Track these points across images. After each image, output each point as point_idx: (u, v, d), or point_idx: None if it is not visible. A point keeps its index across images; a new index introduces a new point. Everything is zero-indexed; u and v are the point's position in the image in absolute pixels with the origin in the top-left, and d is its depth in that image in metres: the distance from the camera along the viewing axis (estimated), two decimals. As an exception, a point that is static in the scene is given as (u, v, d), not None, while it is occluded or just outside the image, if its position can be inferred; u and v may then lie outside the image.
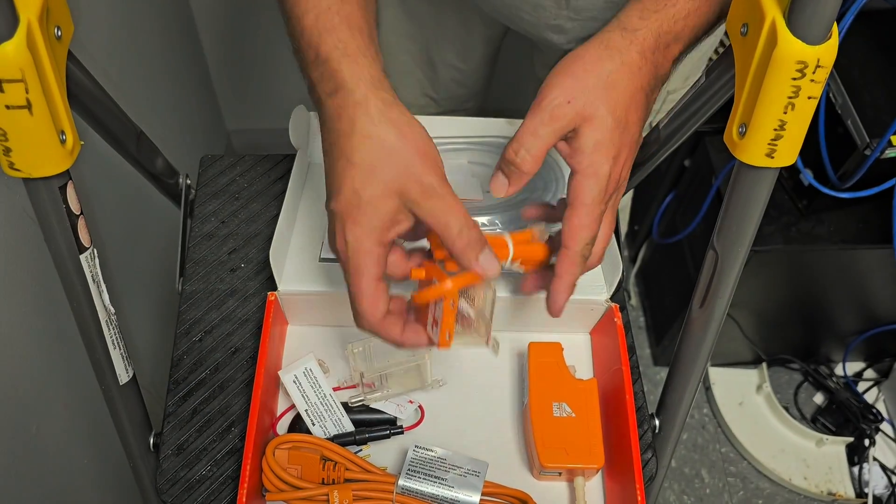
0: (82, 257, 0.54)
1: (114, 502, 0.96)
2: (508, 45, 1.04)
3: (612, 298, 0.71)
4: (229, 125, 1.79)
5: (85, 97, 0.57)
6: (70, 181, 0.52)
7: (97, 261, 0.57)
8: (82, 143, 0.51)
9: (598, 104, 0.53)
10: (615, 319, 0.70)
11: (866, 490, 1.54)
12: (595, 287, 0.72)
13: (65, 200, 0.51)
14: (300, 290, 0.69)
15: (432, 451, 0.63)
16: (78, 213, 0.53)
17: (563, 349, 0.68)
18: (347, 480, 0.62)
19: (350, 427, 0.66)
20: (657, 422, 0.72)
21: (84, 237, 0.54)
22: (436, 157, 0.53)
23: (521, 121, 0.85)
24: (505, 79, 1.22)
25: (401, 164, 0.51)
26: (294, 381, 0.65)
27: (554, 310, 0.59)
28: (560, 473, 0.65)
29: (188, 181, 0.81)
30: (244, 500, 0.58)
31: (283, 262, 0.70)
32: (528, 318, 0.73)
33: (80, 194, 0.53)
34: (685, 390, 0.69)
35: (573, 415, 0.65)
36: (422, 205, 0.51)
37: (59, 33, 0.49)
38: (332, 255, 0.70)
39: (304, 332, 0.73)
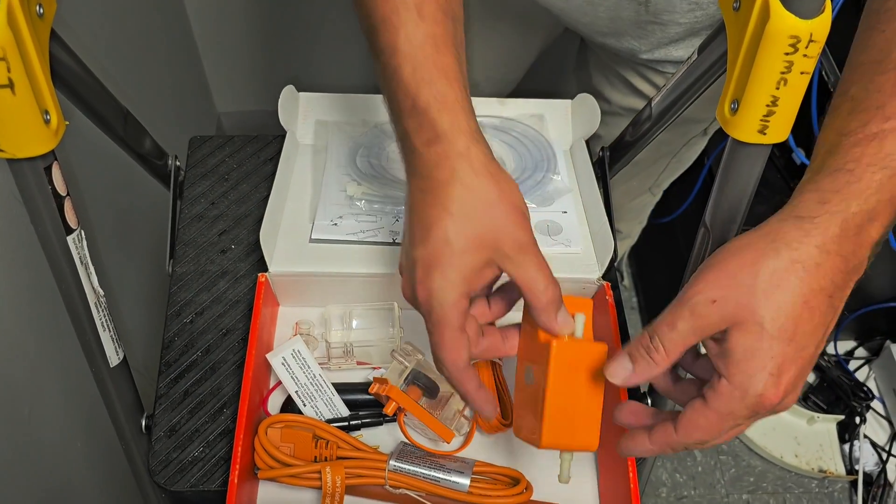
0: (69, 239, 0.54)
1: (107, 485, 0.96)
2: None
3: (604, 277, 0.71)
4: (219, 107, 1.78)
5: (69, 77, 0.57)
6: (55, 162, 0.51)
7: (85, 242, 0.56)
8: (67, 122, 0.51)
9: (752, 309, 0.45)
10: (607, 298, 0.70)
11: (857, 467, 1.55)
12: (587, 266, 0.72)
13: (50, 181, 0.51)
14: (291, 270, 0.69)
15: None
16: (64, 195, 0.52)
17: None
18: (340, 458, 0.62)
19: (342, 406, 0.66)
20: (649, 401, 0.72)
21: (71, 218, 0.53)
22: (527, 214, 0.52)
23: (513, 100, 0.86)
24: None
25: (498, 218, 0.50)
26: (283, 363, 0.65)
27: (620, 452, 0.53)
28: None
29: (177, 162, 0.81)
30: (236, 479, 0.58)
31: (273, 243, 0.70)
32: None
33: (66, 176, 0.53)
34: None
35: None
36: (514, 259, 0.50)
37: (41, 11, 0.48)
38: (323, 236, 0.70)
39: (295, 312, 0.73)
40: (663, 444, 0.49)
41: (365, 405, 0.67)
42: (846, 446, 1.59)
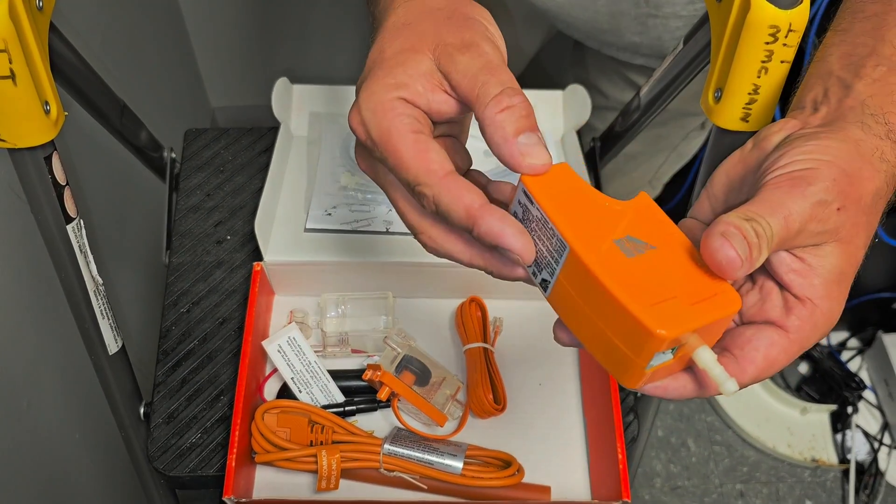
0: (69, 227, 0.55)
1: (106, 472, 0.97)
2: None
3: (594, 265, 0.72)
4: (213, 102, 1.79)
5: (68, 69, 0.58)
6: (55, 152, 0.52)
7: (84, 231, 0.57)
8: (66, 113, 0.52)
9: (858, 233, 0.38)
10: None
11: (849, 456, 1.57)
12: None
13: (50, 171, 0.52)
14: (286, 260, 0.70)
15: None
16: (64, 184, 0.54)
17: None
18: (335, 442, 0.63)
19: (337, 392, 0.67)
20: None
21: (70, 208, 0.55)
22: (487, 28, 0.43)
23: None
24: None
25: (440, 19, 0.42)
26: (279, 351, 0.66)
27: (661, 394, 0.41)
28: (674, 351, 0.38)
29: (173, 155, 0.82)
30: (234, 463, 0.60)
31: (268, 233, 0.71)
32: (506, 284, 0.73)
33: (66, 165, 0.54)
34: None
35: (653, 246, 0.39)
36: (454, 57, 0.40)
37: (41, 4, 0.49)
38: (317, 225, 0.72)
39: (291, 301, 0.74)
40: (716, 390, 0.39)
41: (359, 391, 0.68)
42: (838, 436, 1.60)
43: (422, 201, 0.40)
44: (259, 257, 0.70)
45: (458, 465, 0.62)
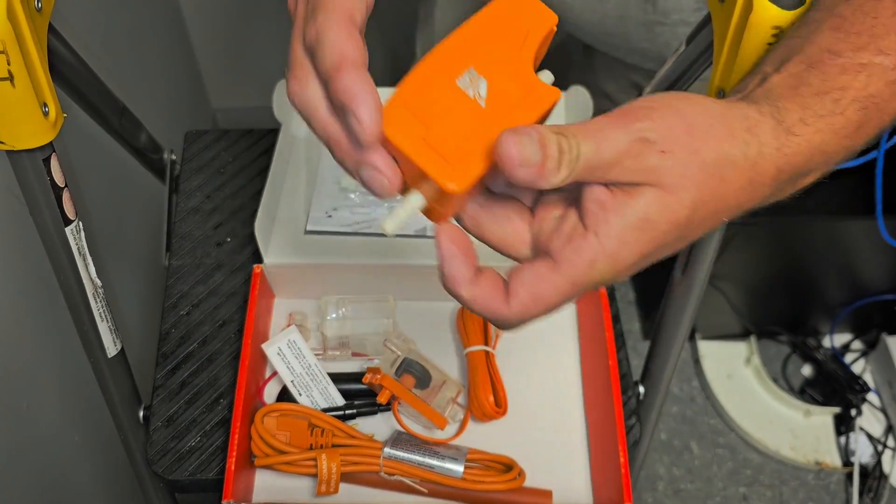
0: (68, 230, 0.55)
1: (105, 476, 0.97)
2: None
3: (596, 268, 0.72)
4: (214, 103, 1.79)
5: (67, 71, 0.58)
6: (54, 153, 0.52)
7: (83, 234, 0.57)
8: (65, 115, 0.52)
9: (691, 185, 0.36)
10: (599, 290, 0.71)
11: (852, 459, 1.56)
12: (579, 256, 0.72)
13: (49, 173, 0.51)
14: (286, 262, 0.70)
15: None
16: (62, 186, 0.53)
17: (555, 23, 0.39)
18: (335, 446, 0.63)
19: (337, 395, 0.67)
20: (641, 389, 0.73)
21: (69, 210, 0.54)
22: None
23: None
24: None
25: None
26: (278, 354, 0.65)
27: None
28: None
29: (173, 156, 0.82)
30: (234, 466, 0.59)
31: (268, 235, 0.71)
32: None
33: (64, 167, 0.53)
34: (668, 357, 0.70)
35: (482, 101, 0.36)
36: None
37: (40, 5, 0.49)
38: (317, 227, 0.71)
39: (290, 304, 0.74)
40: (485, 310, 0.37)
41: (360, 394, 0.68)
42: (842, 439, 1.59)
43: (307, 28, 0.36)
44: (259, 259, 0.70)
45: (458, 468, 0.62)
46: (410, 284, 0.72)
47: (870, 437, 1.58)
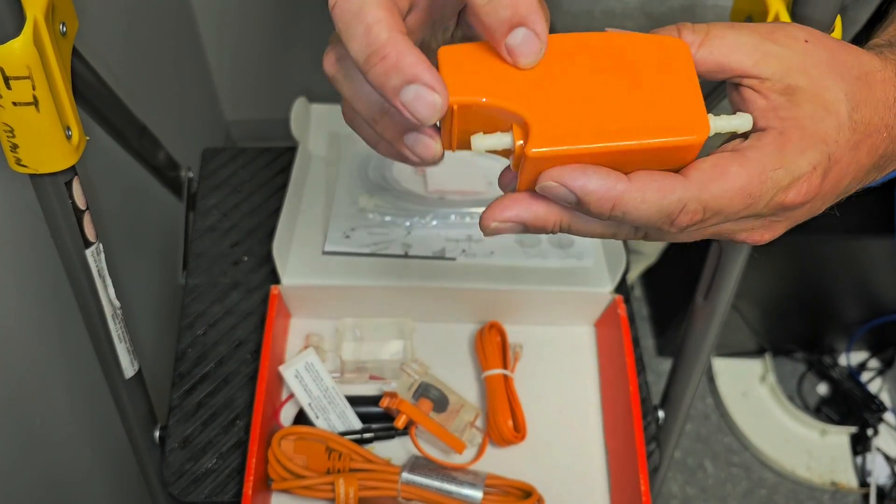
0: (88, 252, 0.54)
1: (118, 496, 0.97)
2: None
3: (616, 290, 0.72)
4: (228, 115, 1.79)
5: (89, 93, 0.58)
6: (76, 176, 0.52)
7: (102, 255, 0.57)
8: (87, 138, 0.51)
9: (846, 89, 0.35)
10: (619, 311, 0.70)
11: (869, 479, 1.54)
12: (599, 279, 0.72)
13: (70, 196, 0.51)
14: (303, 283, 0.69)
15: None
16: (84, 209, 0.53)
17: None
18: (353, 470, 0.62)
19: (354, 419, 0.66)
20: (661, 413, 0.72)
21: (90, 232, 0.54)
22: None
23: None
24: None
25: None
26: (296, 376, 0.65)
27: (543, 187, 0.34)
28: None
29: (190, 174, 0.82)
30: (250, 491, 0.59)
31: (286, 256, 0.70)
32: (527, 309, 0.73)
33: (85, 190, 0.53)
34: (689, 382, 0.69)
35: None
36: None
37: (65, 29, 0.49)
38: (335, 248, 0.71)
39: (307, 325, 0.73)
40: (652, 193, 0.33)
41: (377, 418, 0.67)
42: (859, 459, 1.58)
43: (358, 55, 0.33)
44: (275, 279, 0.70)
45: (477, 494, 0.61)
46: (429, 306, 0.72)
47: (887, 457, 1.56)
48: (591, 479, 0.67)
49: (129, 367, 0.62)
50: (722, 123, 0.35)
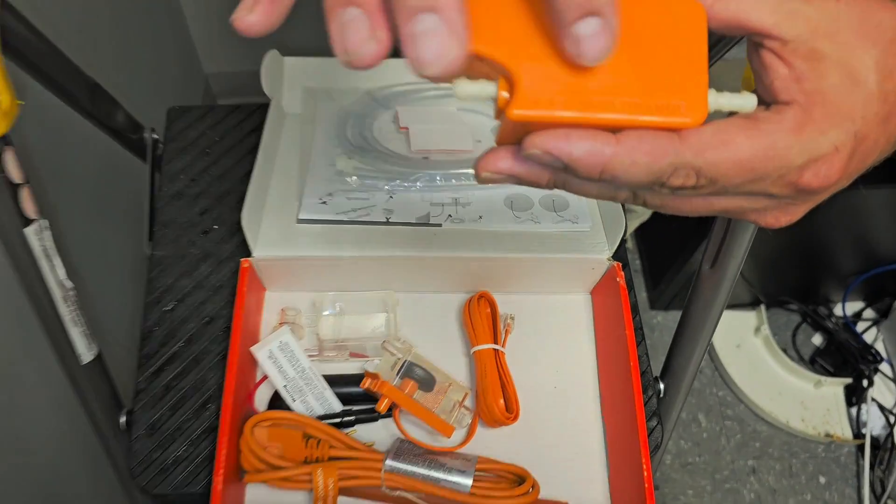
0: (29, 231, 0.49)
1: (93, 488, 0.92)
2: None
3: (614, 256, 0.66)
4: (206, 68, 1.70)
5: (24, 48, 0.51)
6: (8, 147, 0.46)
7: (48, 232, 0.51)
8: (21, 102, 0.45)
9: (865, 54, 0.31)
10: (617, 279, 0.65)
11: (864, 431, 1.53)
12: (596, 245, 0.67)
13: (2, 169, 0.45)
14: (277, 255, 0.64)
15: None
16: (20, 182, 0.47)
17: None
18: (332, 458, 0.58)
19: (334, 400, 0.62)
20: (662, 386, 0.68)
21: (29, 208, 0.48)
22: None
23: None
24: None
25: None
26: (269, 357, 0.60)
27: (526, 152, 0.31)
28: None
29: (154, 135, 0.75)
30: (220, 486, 0.54)
31: (257, 225, 0.65)
32: (518, 278, 0.68)
33: (22, 162, 0.47)
34: (693, 354, 0.64)
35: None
36: None
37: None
38: (311, 216, 0.65)
39: (283, 298, 0.68)
40: (650, 157, 0.30)
41: (359, 398, 0.62)
42: (853, 410, 1.56)
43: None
44: (248, 250, 0.64)
45: (467, 482, 0.57)
46: (413, 277, 0.67)
47: (881, 408, 1.54)
48: (588, 461, 0.63)
49: (85, 352, 0.57)
50: (723, 101, 0.31)
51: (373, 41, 0.27)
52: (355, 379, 0.63)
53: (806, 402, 1.57)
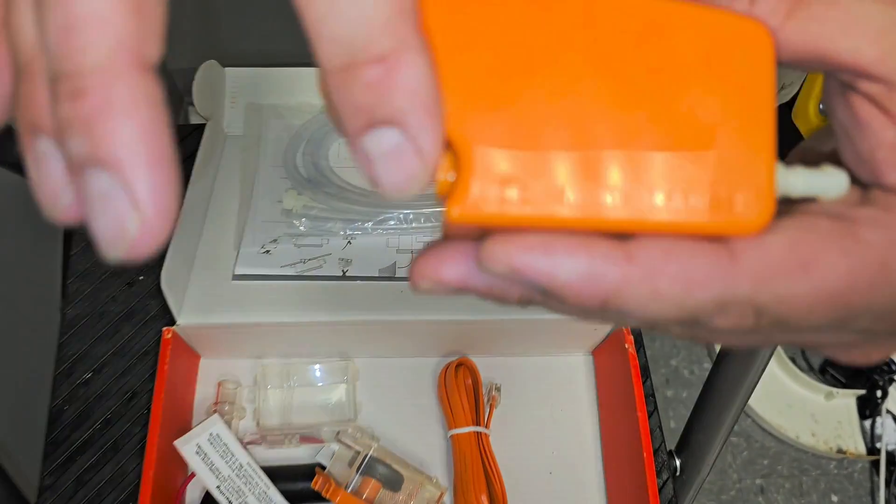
0: None
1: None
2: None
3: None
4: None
5: None
6: None
7: None
8: None
9: None
10: (623, 335, 0.54)
11: (878, 445, 1.45)
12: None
13: None
14: (207, 322, 0.52)
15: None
16: None
17: None
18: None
19: (280, 500, 0.50)
20: (678, 462, 0.57)
21: None
22: None
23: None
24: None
25: None
26: (198, 453, 0.48)
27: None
28: None
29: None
30: None
31: (183, 285, 0.53)
32: (505, 340, 0.56)
33: None
34: (717, 431, 0.53)
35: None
36: None
37: None
38: (250, 270, 0.54)
39: (222, 366, 0.56)
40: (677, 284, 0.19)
41: (310, 496, 0.51)
42: (867, 423, 1.48)
43: None
44: (171, 318, 0.52)
45: None
46: (376, 344, 0.55)
47: (897, 421, 1.46)
48: (585, 490, 0.52)
49: (-40, 460, 0.45)
50: (798, 182, 0.20)
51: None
52: (306, 472, 0.51)
53: (816, 415, 1.49)
